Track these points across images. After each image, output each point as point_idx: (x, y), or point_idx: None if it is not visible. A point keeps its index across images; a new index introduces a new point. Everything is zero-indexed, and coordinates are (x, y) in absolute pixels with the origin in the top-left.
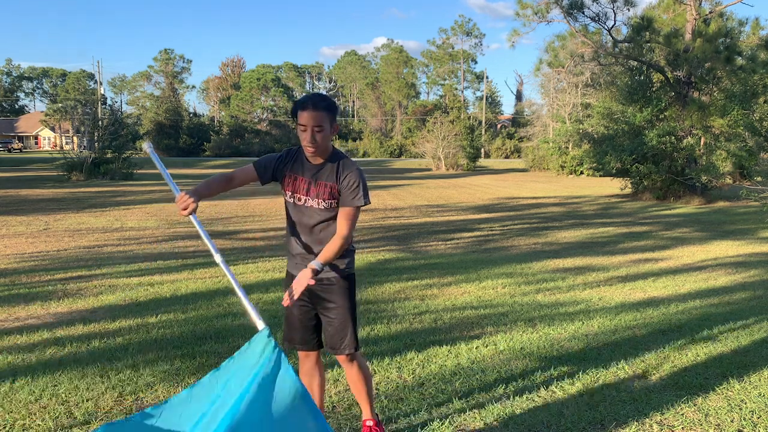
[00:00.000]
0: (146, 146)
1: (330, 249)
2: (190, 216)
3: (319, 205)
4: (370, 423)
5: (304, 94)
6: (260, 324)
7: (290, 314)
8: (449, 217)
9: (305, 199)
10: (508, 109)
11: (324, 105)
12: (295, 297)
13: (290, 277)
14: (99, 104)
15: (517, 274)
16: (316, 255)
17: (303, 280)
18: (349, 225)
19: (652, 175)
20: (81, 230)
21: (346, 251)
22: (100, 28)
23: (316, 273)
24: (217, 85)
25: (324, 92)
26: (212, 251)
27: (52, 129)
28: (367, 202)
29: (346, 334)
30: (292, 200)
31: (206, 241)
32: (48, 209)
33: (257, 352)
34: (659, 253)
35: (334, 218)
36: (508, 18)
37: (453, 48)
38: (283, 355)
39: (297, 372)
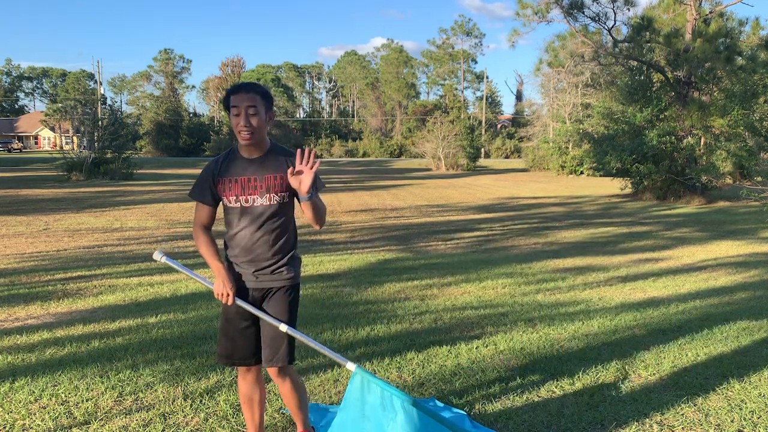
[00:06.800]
0: (158, 255)
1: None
2: (236, 300)
3: (271, 200)
4: None
5: (304, 94)
6: (350, 365)
7: (232, 328)
8: (449, 217)
9: (254, 199)
10: (508, 109)
11: (257, 89)
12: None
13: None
14: (99, 104)
15: (517, 274)
16: (267, 261)
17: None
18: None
19: (653, 175)
20: (81, 230)
21: (295, 260)
22: (100, 28)
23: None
24: (217, 85)
25: (324, 92)
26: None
27: (52, 129)
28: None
29: (280, 345)
30: (238, 204)
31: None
32: (48, 209)
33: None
34: (659, 253)
35: (286, 214)
36: (505, 18)
37: (453, 48)
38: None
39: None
